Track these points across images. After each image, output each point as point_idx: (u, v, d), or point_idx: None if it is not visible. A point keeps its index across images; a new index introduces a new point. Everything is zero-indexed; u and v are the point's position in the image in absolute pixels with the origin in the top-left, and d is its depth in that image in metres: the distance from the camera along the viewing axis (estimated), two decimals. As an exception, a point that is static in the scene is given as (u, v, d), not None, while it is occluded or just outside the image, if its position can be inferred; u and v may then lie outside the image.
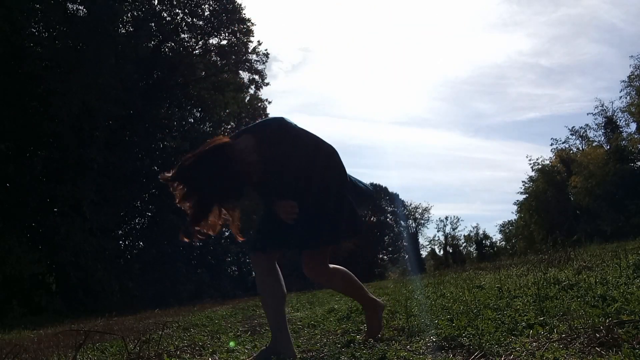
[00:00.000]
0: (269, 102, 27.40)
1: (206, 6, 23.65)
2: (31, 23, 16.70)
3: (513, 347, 1.94)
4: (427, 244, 50.33)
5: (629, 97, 30.55)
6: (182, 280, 20.76)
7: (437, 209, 76.51)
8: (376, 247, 44.20)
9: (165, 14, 23.07)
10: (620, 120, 32.04)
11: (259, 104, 27.39)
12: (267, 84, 26.06)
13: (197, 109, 25.49)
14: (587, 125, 33.94)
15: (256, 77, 25.52)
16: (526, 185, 36.38)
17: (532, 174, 35.81)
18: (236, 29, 24.08)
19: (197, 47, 24.45)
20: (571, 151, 34.74)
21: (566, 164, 33.50)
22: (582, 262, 4.95)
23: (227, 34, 24.27)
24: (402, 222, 47.42)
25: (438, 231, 55.39)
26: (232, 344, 2.92)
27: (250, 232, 2.65)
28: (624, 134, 31.17)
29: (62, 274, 15.49)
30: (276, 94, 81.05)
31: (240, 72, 25.63)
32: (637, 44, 64.75)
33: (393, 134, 64.14)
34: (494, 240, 48.08)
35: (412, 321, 2.81)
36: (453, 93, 71.84)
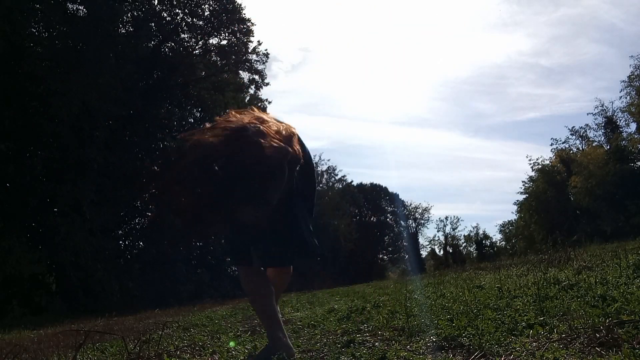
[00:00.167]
0: (269, 102, 27.41)
1: (206, 6, 23.64)
2: (31, 23, 16.67)
3: (513, 347, 1.94)
4: (427, 244, 50.42)
5: (629, 97, 30.61)
6: (182, 280, 20.75)
7: (437, 209, 76.58)
8: (376, 247, 44.22)
9: (165, 14, 23.05)
10: (620, 120, 32.11)
11: (259, 104, 27.33)
12: (267, 84, 26.10)
13: (197, 109, 25.47)
14: (587, 125, 34.03)
15: (256, 77, 25.55)
16: (526, 185, 36.43)
17: (532, 174, 35.89)
18: (236, 29, 24.07)
19: (197, 47, 24.44)
20: (571, 151, 34.77)
21: (566, 164, 33.50)
22: (582, 262, 4.95)
23: (227, 34, 24.27)
24: (402, 222, 47.44)
25: (438, 231, 55.46)
26: (232, 344, 2.92)
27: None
28: (624, 134, 31.22)
29: (62, 274, 15.49)
30: (276, 94, 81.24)
31: (240, 72, 25.65)
32: (637, 44, 64.80)
33: (393, 134, 64.11)
34: (494, 240, 48.16)
35: (412, 321, 2.81)
36: (453, 93, 71.92)
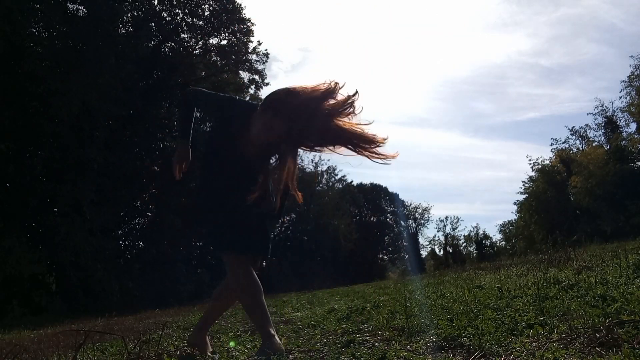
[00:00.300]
0: (269, 102, 27.41)
1: (206, 6, 23.64)
2: (31, 23, 16.66)
3: (513, 347, 1.94)
4: (427, 244, 50.47)
5: (629, 97, 30.62)
6: (182, 280, 20.75)
7: (437, 209, 76.68)
8: (376, 247, 44.20)
9: (165, 14, 23.05)
10: (620, 120, 32.13)
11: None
12: (267, 84, 26.08)
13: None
14: (587, 125, 34.06)
15: (256, 77, 25.55)
16: (526, 185, 36.44)
17: (532, 174, 35.90)
18: (236, 29, 24.07)
19: (197, 47, 24.44)
20: (571, 151, 34.78)
21: (566, 164, 33.51)
22: (582, 262, 4.95)
23: (227, 34, 24.28)
24: (402, 222, 47.43)
25: (438, 231, 55.55)
26: (232, 344, 2.91)
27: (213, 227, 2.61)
28: (624, 134, 31.25)
29: (62, 274, 15.48)
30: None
31: (240, 72, 25.65)
32: (637, 44, 64.83)
33: (393, 134, 63.54)
34: (494, 240, 48.21)
35: (412, 321, 2.81)
36: (453, 93, 71.98)
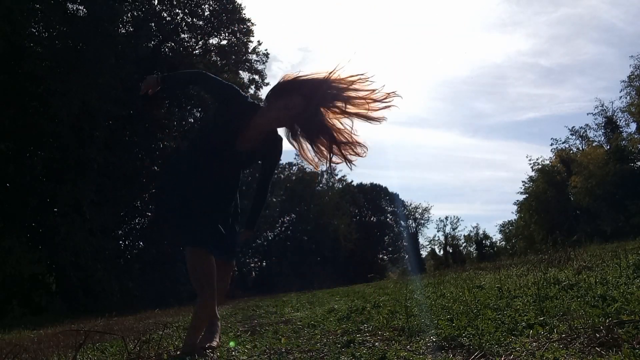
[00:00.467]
0: (269, 102, 27.44)
1: (206, 6, 23.65)
2: (31, 23, 16.67)
3: (513, 347, 1.94)
4: (427, 244, 50.47)
5: (629, 97, 30.61)
6: (182, 280, 20.72)
7: (437, 209, 76.59)
8: (376, 247, 44.19)
9: (165, 14, 23.05)
10: (620, 120, 32.13)
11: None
12: (267, 84, 26.14)
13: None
14: (587, 125, 34.06)
15: (256, 77, 25.59)
16: (526, 185, 36.43)
17: (532, 174, 35.89)
18: (236, 29, 24.08)
19: (197, 47, 24.45)
20: (571, 151, 34.78)
21: (566, 164, 33.50)
22: (582, 262, 4.95)
23: (227, 34, 24.29)
24: (402, 222, 47.42)
25: (438, 231, 55.57)
26: (232, 344, 2.91)
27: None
28: (624, 134, 31.24)
29: (62, 274, 15.48)
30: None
31: (240, 72, 25.68)
32: (637, 44, 64.76)
33: (392, 134, 64.01)
34: (494, 240, 48.19)
35: (412, 321, 2.81)
36: (452, 93, 71.90)
